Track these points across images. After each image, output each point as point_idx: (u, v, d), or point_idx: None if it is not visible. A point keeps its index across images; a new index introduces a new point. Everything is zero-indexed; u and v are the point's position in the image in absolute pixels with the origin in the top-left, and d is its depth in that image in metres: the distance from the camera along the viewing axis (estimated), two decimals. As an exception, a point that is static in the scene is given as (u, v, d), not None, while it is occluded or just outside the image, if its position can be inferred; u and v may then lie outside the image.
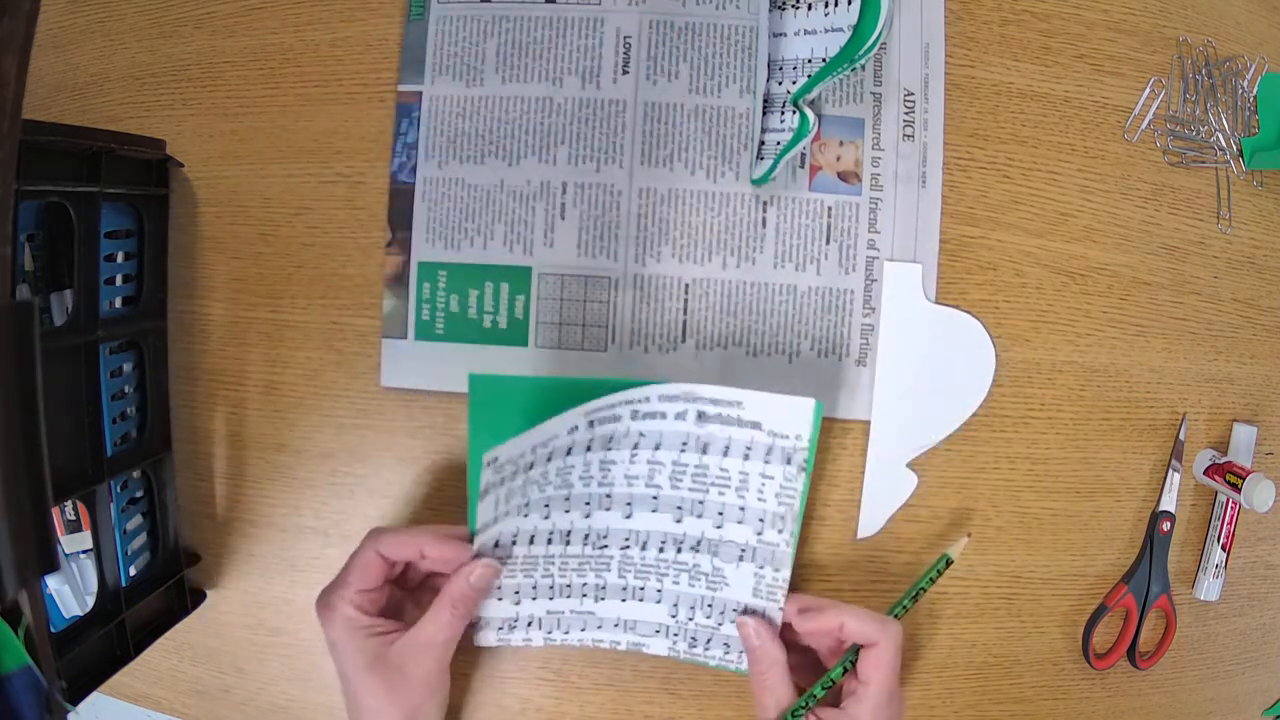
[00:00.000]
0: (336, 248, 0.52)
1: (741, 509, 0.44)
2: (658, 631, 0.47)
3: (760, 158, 0.50)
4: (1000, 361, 0.52)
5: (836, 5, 0.48)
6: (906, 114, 0.51)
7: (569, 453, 0.42)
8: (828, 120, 0.51)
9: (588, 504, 0.44)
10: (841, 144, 0.51)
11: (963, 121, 0.52)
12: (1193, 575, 0.55)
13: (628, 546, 0.45)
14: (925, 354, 0.51)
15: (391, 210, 0.52)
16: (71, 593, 0.52)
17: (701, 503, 0.44)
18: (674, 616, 0.47)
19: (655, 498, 0.44)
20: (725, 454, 0.43)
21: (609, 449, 0.43)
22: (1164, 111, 0.54)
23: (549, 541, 0.45)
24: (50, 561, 0.29)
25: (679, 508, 0.44)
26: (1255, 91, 0.55)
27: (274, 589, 0.53)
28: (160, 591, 0.50)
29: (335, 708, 0.54)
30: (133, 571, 0.50)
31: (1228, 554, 0.54)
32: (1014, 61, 0.52)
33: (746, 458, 0.43)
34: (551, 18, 0.51)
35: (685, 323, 0.51)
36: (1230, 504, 0.54)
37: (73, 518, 0.51)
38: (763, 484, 0.43)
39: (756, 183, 0.50)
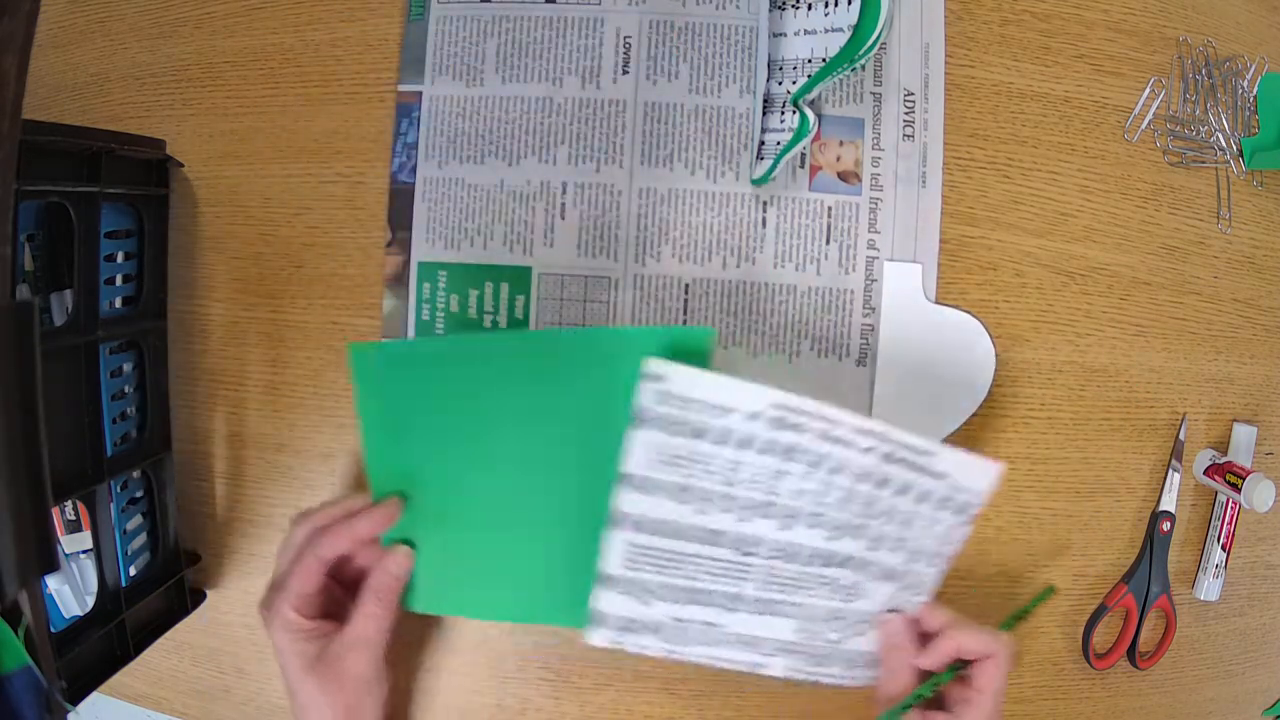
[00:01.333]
0: (336, 248, 0.52)
1: (900, 540, 0.44)
2: (780, 650, 0.46)
3: (760, 158, 0.50)
4: (1000, 361, 0.52)
5: (836, 5, 0.48)
6: (906, 114, 0.51)
7: (743, 446, 0.41)
8: (828, 120, 0.51)
9: (747, 509, 0.42)
10: (841, 144, 0.51)
11: (963, 121, 0.52)
12: (1193, 575, 0.55)
13: (775, 558, 0.44)
14: (925, 354, 0.51)
15: (391, 210, 0.52)
16: (71, 593, 0.52)
17: (862, 528, 0.43)
18: (801, 633, 0.46)
19: (817, 514, 0.43)
20: (901, 493, 0.42)
21: (787, 458, 0.41)
22: (1164, 111, 0.54)
23: (696, 539, 0.43)
24: (50, 561, 0.29)
25: (837, 528, 0.43)
26: (1255, 91, 0.55)
27: (274, 589, 0.53)
28: (160, 591, 0.50)
29: (335, 708, 0.54)
30: (133, 571, 0.50)
31: (1228, 554, 0.54)
32: (1014, 61, 0.52)
33: (921, 500, 0.43)
34: (551, 18, 0.51)
35: (685, 323, 0.51)
36: (1230, 504, 0.54)
37: (73, 518, 0.51)
38: (929, 525, 0.43)
39: (756, 183, 0.50)
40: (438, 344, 0.46)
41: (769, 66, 0.50)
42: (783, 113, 0.49)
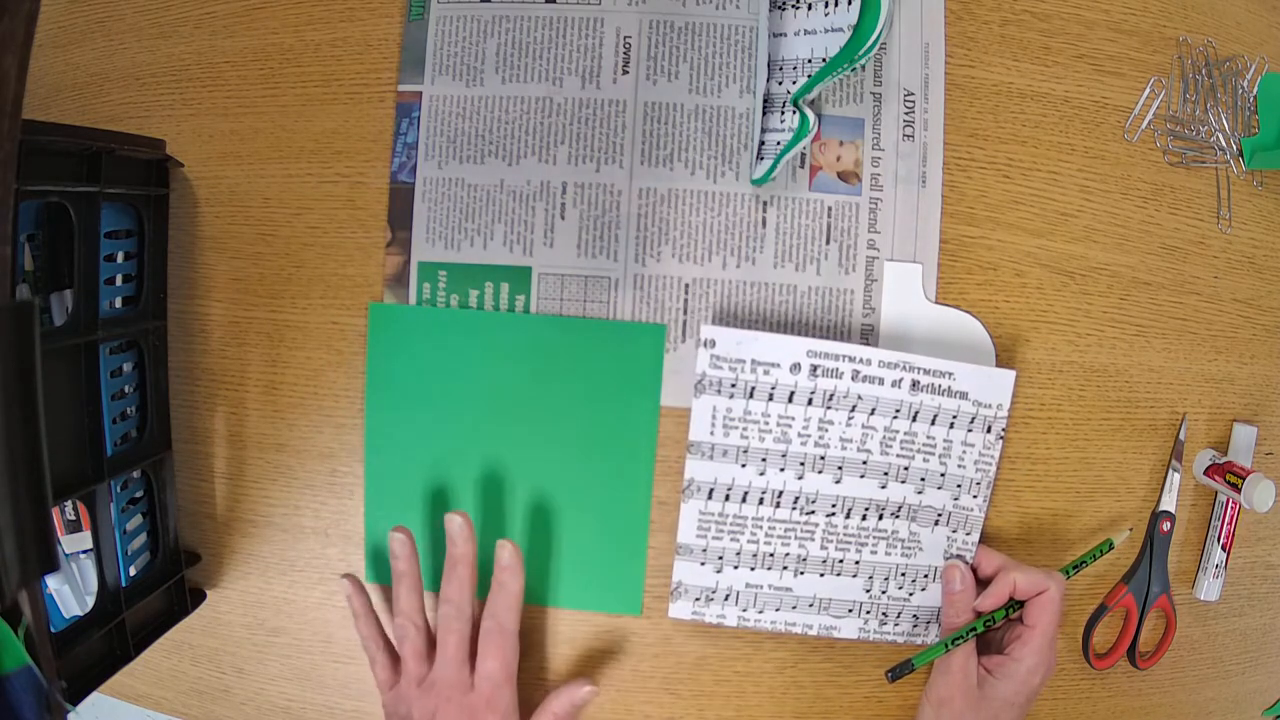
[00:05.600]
0: (336, 248, 0.52)
1: (942, 475, 0.48)
2: (850, 611, 0.50)
3: (760, 158, 0.50)
4: (1000, 361, 0.52)
5: (836, 5, 0.48)
6: (906, 114, 0.51)
7: (791, 399, 0.46)
8: (828, 120, 0.51)
9: (802, 464, 0.47)
10: (841, 144, 0.51)
11: (963, 121, 0.52)
12: (1193, 575, 0.55)
13: (833, 514, 0.48)
14: (925, 354, 0.51)
15: (391, 210, 0.52)
16: (71, 593, 0.52)
17: (907, 468, 0.48)
18: (868, 591, 0.49)
19: (865, 463, 0.47)
20: (933, 422, 0.47)
21: (829, 407, 0.46)
22: (1164, 111, 0.54)
23: (760, 501, 0.48)
24: (50, 561, 0.29)
25: (885, 473, 0.48)
26: (1255, 91, 0.55)
27: (274, 589, 0.53)
28: (160, 591, 0.50)
29: (335, 708, 0.54)
30: (133, 571, 0.50)
31: (1228, 554, 0.54)
32: (1014, 61, 0.52)
33: (951, 426, 0.47)
34: (551, 18, 0.51)
35: (685, 323, 0.51)
36: (1230, 504, 0.54)
37: (73, 518, 0.51)
38: (964, 451, 0.48)
39: (756, 183, 0.50)
40: (451, 313, 0.51)
41: (769, 66, 0.50)
42: (783, 113, 0.49)
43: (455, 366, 0.51)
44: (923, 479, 0.48)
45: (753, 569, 0.49)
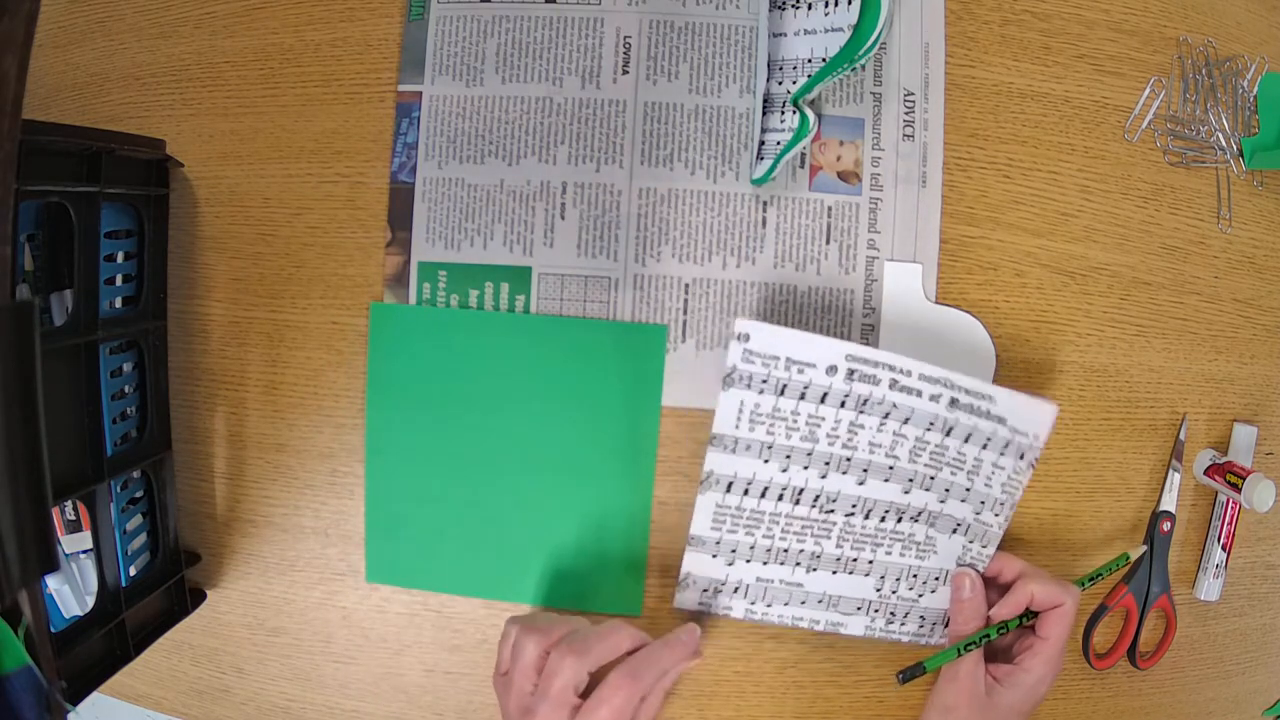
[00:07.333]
0: (336, 248, 0.52)
1: (967, 490, 0.47)
2: (859, 609, 0.50)
3: (760, 158, 0.50)
4: (1000, 361, 0.52)
5: (836, 5, 0.48)
6: (906, 114, 0.51)
7: (823, 400, 0.45)
8: (828, 120, 0.51)
9: (826, 464, 0.46)
10: (841, 144, 0.51)
11: (963, 121, 0.52)
12: (1193, 575, 0.55)
13: (853, 514, 0.47)
14: (925, 354, 0.51)
15: (391, 210, 0.52)
16: (71, 593, 0.52)
17: (933, 478, 0.47)
18: (878, 590, 0.49)
19: (891, 468, 0.46)
20: (966, 440, 0.46)
21: (861, 411, 0.45)
22: (1164, 111, 0.54)
23: (779, 498, 0.47)
24: (50, 561, 0.29)
25: (910, 480, 0.47)
26: (1255, 91, 0.55)
27: (274, 589, 0.54)
28: (160, 591, 0.50)
29: (335, 708, 0.54)
30: (133, 571, 0.50)
31: (1228, 554, 0.54)
32: (1014, 61, 0.52)
33: (984, 447, 0.46)
34: (551, 18, 0.51)
35: (685, 323, 0.51)
36: (1230, 504, 0.54)
37: (73, 518, 0.51)
38: (993, 472, 0.47)
39: (756, 183, 0.50)
40: (451, 313, 0.51)
41: (769, 66, 0.50)
42: (783, 113, 0.49)
43: (455, 366, 0.51)
44: (947, 490, 0.47)
45: (765, 564, 0.48)
